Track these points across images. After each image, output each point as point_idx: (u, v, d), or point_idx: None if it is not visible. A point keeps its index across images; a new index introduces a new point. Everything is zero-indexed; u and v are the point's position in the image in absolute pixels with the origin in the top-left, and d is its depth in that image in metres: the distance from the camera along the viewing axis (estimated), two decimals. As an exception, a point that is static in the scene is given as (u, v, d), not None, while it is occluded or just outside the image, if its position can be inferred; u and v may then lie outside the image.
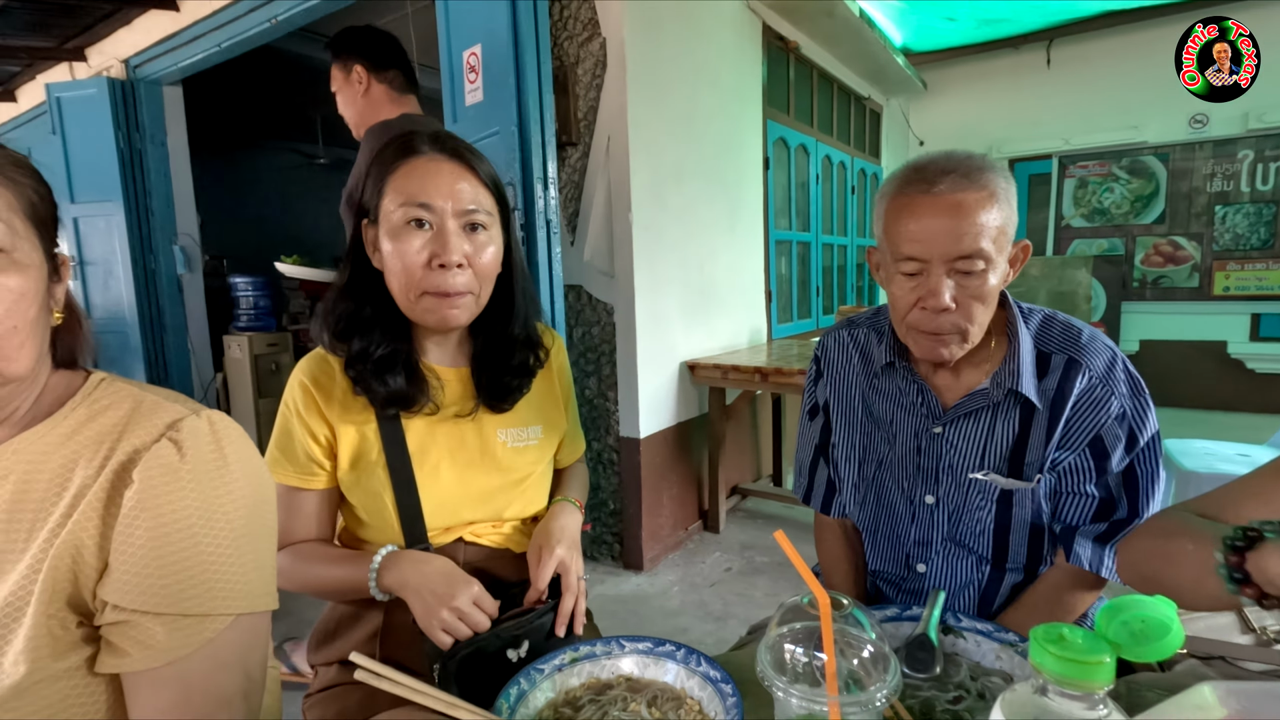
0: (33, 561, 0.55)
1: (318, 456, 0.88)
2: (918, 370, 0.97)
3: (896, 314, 0.92)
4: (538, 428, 1.00)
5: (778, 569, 2.59)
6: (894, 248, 0.88)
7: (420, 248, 0.83)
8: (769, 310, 3.68)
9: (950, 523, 0.97)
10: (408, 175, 0.84)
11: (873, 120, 5.28)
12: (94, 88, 3.67)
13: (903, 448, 0.99)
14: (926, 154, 0.89)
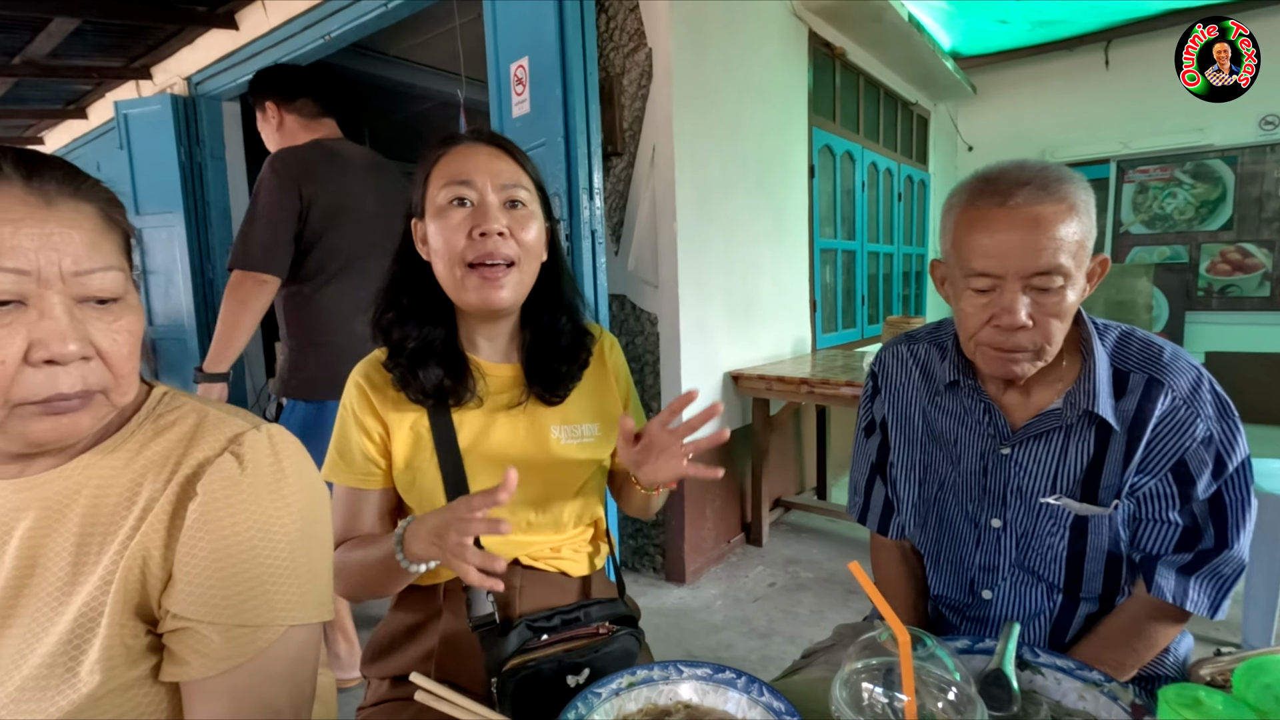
0: (105, 573, 0.56)
1: (374, 455, 0.89)
2: (985, 388, 0.93)
3: (965, 331, 0.88)
4: (594, 425, 0.98)
5: (823, 586, 2.53)
6: (964, 263, 0.84)
7: (461, 221, 0.85)
8: (813, 320, 3.62)
9: (1019, 548, 0.93)
10: (448, 161, 0.87)
11: (920, 126, 5.17)
12: (158, 104, 3.83)
13: (967, 468, 0.95)
14: (998, 164, 0.85)
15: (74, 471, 0.58)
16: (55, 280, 0.52)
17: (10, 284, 0.50)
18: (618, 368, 1.05)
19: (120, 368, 0.56)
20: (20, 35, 3.41)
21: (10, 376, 0.51)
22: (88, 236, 0.54)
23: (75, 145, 5.11)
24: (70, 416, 0.54)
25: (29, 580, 0.57)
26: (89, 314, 0.55)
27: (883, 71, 4.33)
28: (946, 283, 0.92)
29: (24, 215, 0.51)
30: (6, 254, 0.50)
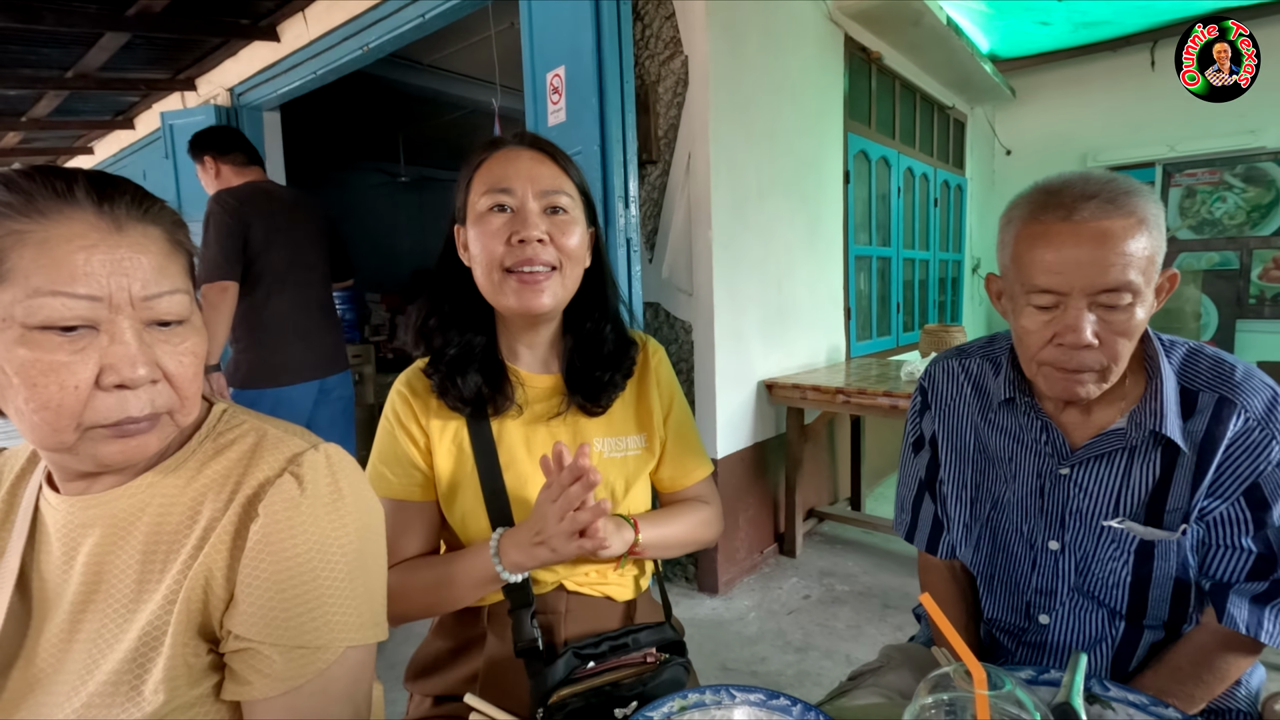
0: (168, 593, 0.56)
1: (420, 465, 0.88)
2: (1042, 405, 0.90)
3: (1025, 349, 0.85)
4: (638, 438, 0.95)
5: (860, 600, 2.48)
6: (1025, 279, 0.81)
7: (500, 227, 0.83)
8: (848, 328, 3.57)
9: (1078, 572, 0.89)
10: (490, 167, 0.86)
11: (957, 130, 5.08)
12: (202, 115, 3.93)
13: (1023, 488, 0.92)
14: (1060, 175, 0.82)
15: (138, 490, 0.59)
16: (125, 305, 0.53)
17: (84, 310, 0.51)
18: (665, 378, 1.02)
19: (186, 389, 0.57)
20: (74, 50, 3.53)
21: (83, 401, 0.51)
22: (156, 260, 0.55)
23: (123, 155, 5.28)
24: (139, 439, 0.55)
25: (95, 595, 0.58)
26: (156, 337, 0.55)
27: (919, 75, 4.27)
28: (1004, 297, 0.89)
29: (96, 241, 0.52)
30: (80, 280, 0.50)
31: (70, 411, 0.51)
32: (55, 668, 0.57)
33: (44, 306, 0.50)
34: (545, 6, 2.30)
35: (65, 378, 0.51)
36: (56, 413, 0.51)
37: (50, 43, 3.41)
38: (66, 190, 0.52)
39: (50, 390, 0.50)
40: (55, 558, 0.59)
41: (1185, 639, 0.87)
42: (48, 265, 0.50)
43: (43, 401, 0.51)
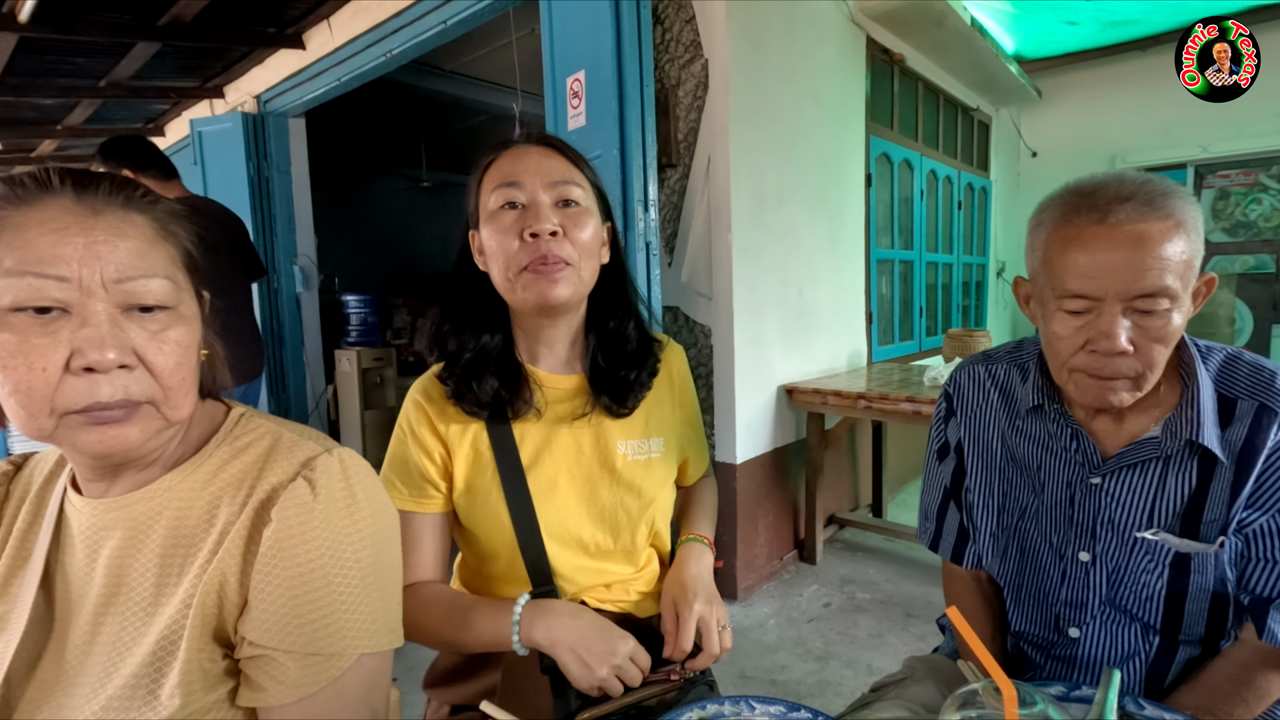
0: (185, 596, 0.56)
1: (432, 476, 0.87)
2: (1072, 413, 0.87)
3: (1056, 355, 0.82)
4: (659, 440, 0.94)
5: (881, 608, 2.45)
6: (1057, 283, 0.79)
7: (512, 223, 0.82)
8: (869, 332, 3.53)
9: (1110, 585, 0.86)
10: (498, 165, 0.85)
11: (981, 132, 5.01)
12: (230, 122, 4.00)
13: (1052, 498, 0.89)
14: (1093, 177, 0.80)
15: (156, 493, 0.59)
16: (98, 289, 0.52)
17: (53, 290, 0.50)
18: (683, 378, 1.01)
19: (167, 379, 0.55)
20: (107, 59, 3.62)
21: (53, 385, 0.50)
22: (135, 245, 0.54)
23: (154, 161, 5.39)
24: (117, 428, 0.53)
25: (115, 598, 0.58)
26: (134, 323, 0.54)
27: (942, 77, 4.22)
28: (1032, 302, 0.87)
29: (70, 224, 0.51)
30: (49, 262, 0.50)
31: (41, 395, 0.50)
32: (78, 668, 0.57)
33: (13, 287, 0.49)
34: (566, 11, 2.31)
35: (34, 359, 0.50)
36: (28, 396, 0.50)
37: (84, 52, 3.50)
38: (48, 180, 0.53)
39: (20, 372, 0.50)
40: (79, 559, 0.60)
41: (1224, 655, 0.84)
42: (20, 247, 0.50)
43: (15, 384, 0.50)
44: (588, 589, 0.90)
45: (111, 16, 3.10)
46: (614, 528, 0.90)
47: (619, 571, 0.92)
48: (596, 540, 0.89)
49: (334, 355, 4.63)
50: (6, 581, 0.62)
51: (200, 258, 0.63)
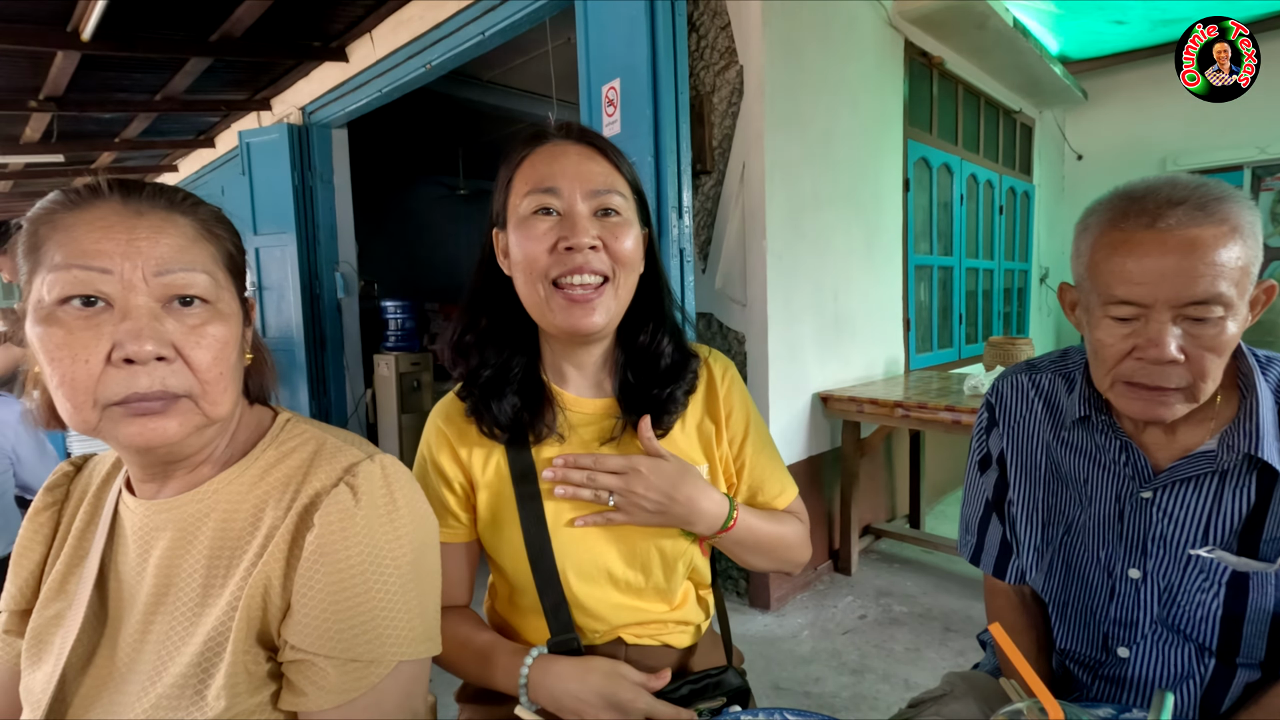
0: (231, 598, 0.57)
1: (453, 507, 0.82)
2: (1121, 424, 0.84)
3: (1101, 363, 0.80)
4: (701, 468, 0.84)
5: (919, 622, 2.39)
6: (1104, 289, 0.76)
7: (546, 232, 0.74)
8: (907, 339, 3.47)
9: (1162, 603, 0.83)
10: (533, 164, 0.77)
11: (1024, 135, 4.90)
12: (276, 133, 4.13)
13: (1099, 512, 0.86)
14: (1144, 181, 0.77)
15: (204, 495, 0.61)
16: (139, 283, 0.54)
17: (97, 283, 0.53)
18: (730, 396, 0.88)
19: (205, 373, 0.56)
20: (162, 74, 3.77)
21: (95, 376, 0.53)
22: (176, 242, 0.56)
23: (203, 172, 5.60)
24: (156, 421, 0.55)
25: (165, 598, 0.59)
26: (173, 317, 0.56)
27: (983, 79, 4.14)
28: (1078, 309, 0.84)
29: (114, 222, 0.54)
30: (93, 255, 0.53)
31: (84, 386, 0.52)
32: (129, 666, 0.59)
33: (60, 280, 0.52)
34: (601, 21, 2.33)
35: (78, 351, 0.52)
36: (73, 388, 0.53)
37: (141, 68, 3.65)
38: (99, 187, 0.56)
39: (66, 364, 0.52)
40: (131, 559, 0.61)
41: None
42: (67, 243, 0.53)
43: (61, 376, 0.52)
44: (622, 627, 0.84)
45: (166, 34, 3.23)
46: (645, 565, 0.83)
47: (654, 609, 0.85)
48: (627, 578, 0.83)
49: (373, 360, 4.73)
50: (65, 579, 0.65)
51: (242, 261, 0.65)
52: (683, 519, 0.79)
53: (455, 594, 0.85)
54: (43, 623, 0.63)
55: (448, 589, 0.81)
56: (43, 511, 0.69)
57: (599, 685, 0.75)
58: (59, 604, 0.64)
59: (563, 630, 0.80)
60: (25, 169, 5.31)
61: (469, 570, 0.87)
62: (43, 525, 0.69)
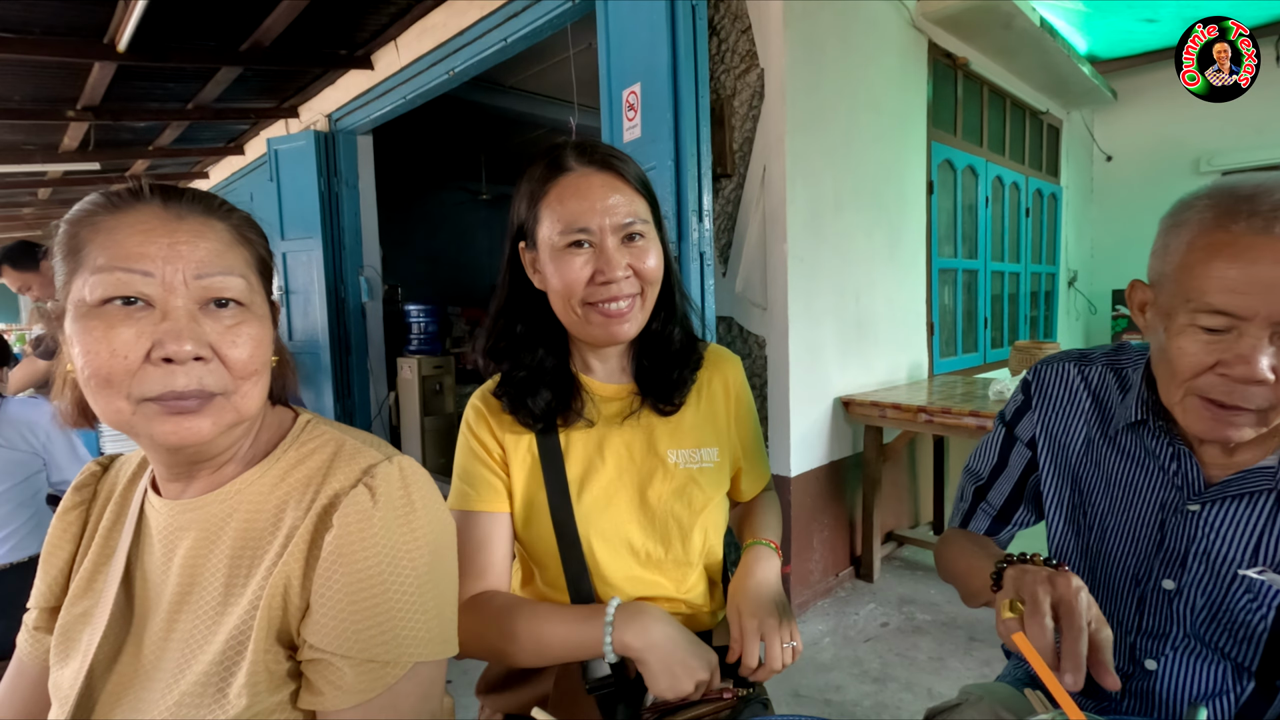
0: (253, 597, 0.58)
1: (498, 472, 0.88)
2: (1176, 431, 0.80)
3: (1175, 373, 0.73)
4: (712, 450, 0.93)
5: (942, 630, 2.35)
6: (1196, 294, 0.70)
7: (582, 265, 0.81)
8: (930, 343, 3.43)
9: (1197, 618, 0.80)
10: (561, 198, 0.82)
11: (1051, 136, 4.82)
12: (303, 140, 4.20)
13: (1137, 518, 0.83)
14: (1250, 178, 0.72)
15: (227, 495, 0.62)
16: (179, 286, 0.56)
17: (139, 285, 0.54)
18: (740, 389, 1.00)
19: (240, 371, 0.58)
20: (194, 84, 3.86)
21: (132, 372, 0.54)
22: (214, 246, 0.58)
23: (233, 178, 5.72)
24: (191, 419, 0.56)
25: (189, 596, 0.60)
26: (210, 318, 0.57)
27: (1009, 80, 4.08)
28: (1150, 310, 0.78)
29: (155, 226, 0.56)
30: (135, 258, 0.55)
31: (120, 381, 0.54)
32: (154, 664, 0.60)
33: (103, 282, 0.54)
34: (622, 26, 2.34)
35: (118, 347, 0.54)
36: (109, 381, 0.54)
37: (174, 78, 3.75)
38: (140, 190, 0.58)
39: (103, 357, 0.54)
40: (156, 558, 0.63)
41: None
42: (111, 246, 0.55)
43: (95, 368, 0.54)
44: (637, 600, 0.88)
45: (198, 44, 3.31)
46: (664, 535, 0.89)
47: (668, 586, 0.91)
48: (647, 548, 0.89)
49: (396, 363, 4.78)
50: (92, 577, 0.66)
51: (271, 265, 0.66)
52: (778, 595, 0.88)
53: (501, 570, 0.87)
54: (70, 620, 0.65)
55: (495, 563, 0.86)
56: (71, 510, 0.71)
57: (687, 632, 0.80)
58: (86, 602, 0.65)
59: (582, 599, 0.85)
60: (63, 177, 5.47)
61: (510, 546, 0.90)
62: (71, 524, 0.70)
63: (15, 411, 1.70)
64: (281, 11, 2.95)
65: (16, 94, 3.73)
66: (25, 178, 5.47)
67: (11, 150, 4.69)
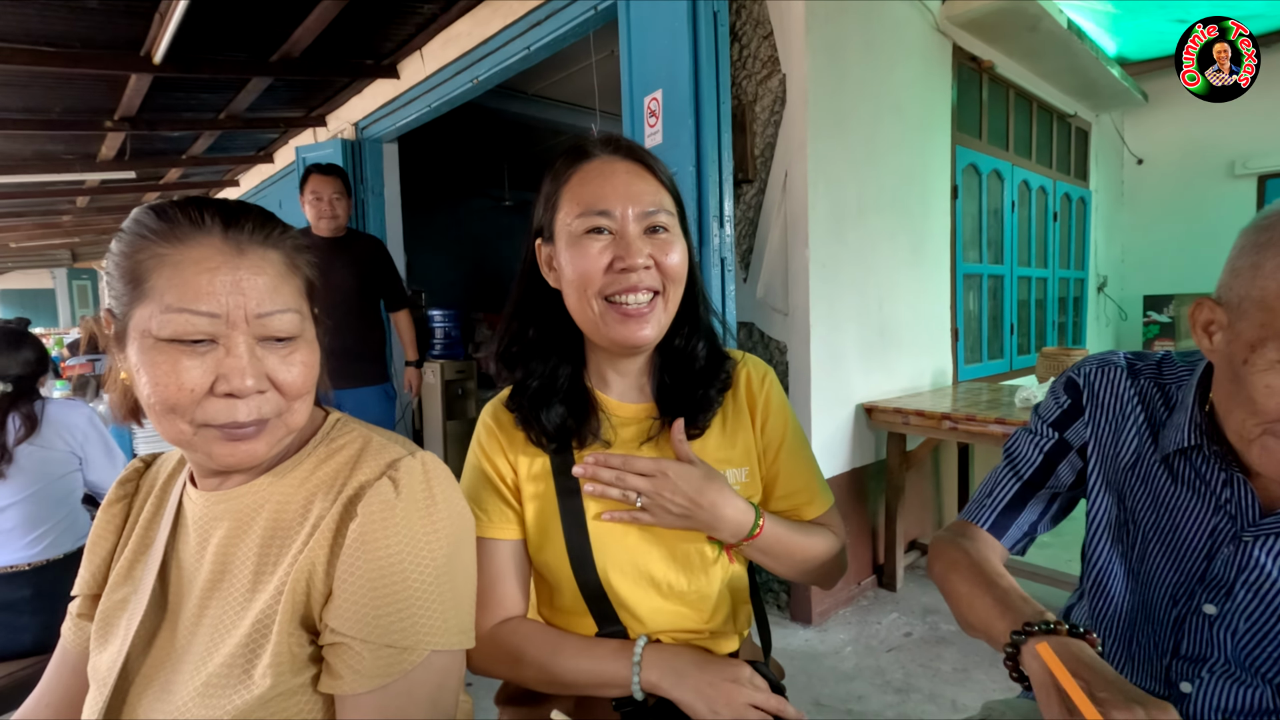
0: (279, 583, 0.60)
1: (510, 499, 0.84)
2: (1231, 457, 0.75)
3: (1258, 411, 0.67)
4: (741, 470, 0.86)
5: (967, 642, 2.31)
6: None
7: (600, 251, 0.76)
8: (955, 350, 3.38)
9: (1237, 642, 0.76)
10: (583, 182, 0.78)
11: (1079, 139, 4.74)
12: (331, 148, 4.28)
13: (1182, 542, 0.78)
14: None
15: (260, 487, 0.65)
16: (241, 322, 0.59)
17: (205, 326, 0.57)
18: (768, 401, 0.90)
19: (292, 392, 0.62)
20: (225, 94, 3.96)
21: (197, 402, 0.58)
22: (271, 281, 0.61)
23: (262, 186, 5.84)
24: (248, 444, 0.61)
25: (220, 583, 0.63)
26: (268, 350, 0.61)
27: (1036, 83, 4.03)
28: (1219, 334, 0.70)
29: (220, 264, 0.58)
30: (204, 299, 0.57)
31: (185, 410, 0.58)
32: (186, 646, 0.63)
33: (172, 322, 0.57)
34: (644, 33, 2.35)
35: (184, 381, 0.57)
36: (173, 409, 0.58)
37: (207, 89, 3.84)
38: (199, 218, 0.60)
39: (170, 390, 0.57)
40: (191, 547, 0.66)
41: None
42: (178, 285, 0.57)
43: (161, 398, 0.58)
44: (662, 631, 0.84)
45: (231, 55, 3.39)
46: (686, 567, 0.84)
47: (693, 617, 0.85)
48: (669, 580, 0.83)
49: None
50: (131, 566, 0.69)
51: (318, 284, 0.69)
52: (707, 524, 0.80)
53: (519, 598, 0.85)
54: (110, 606, 0.68)
55: (512, 593, 0.84)
56: (115, 504, 0.74)
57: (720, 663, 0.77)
58: (126, 589, 0.68)
59: (608, 624, 0.82)
60: (100, 185, 5.63)
61: (528, 573, 0.87)
62: (115, 516, 0.74)
63: (55, 413, 1.75)
64: (311, 23, 3.02)
65: (57, 106, 3.85)
66: (65, 186, 5.64)
67: (52, 160, 4.85)
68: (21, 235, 8.32)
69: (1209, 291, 0.73)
